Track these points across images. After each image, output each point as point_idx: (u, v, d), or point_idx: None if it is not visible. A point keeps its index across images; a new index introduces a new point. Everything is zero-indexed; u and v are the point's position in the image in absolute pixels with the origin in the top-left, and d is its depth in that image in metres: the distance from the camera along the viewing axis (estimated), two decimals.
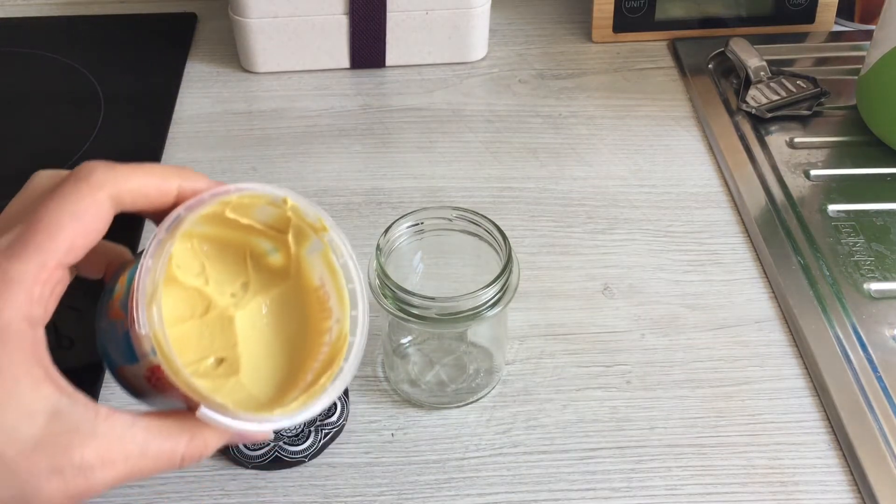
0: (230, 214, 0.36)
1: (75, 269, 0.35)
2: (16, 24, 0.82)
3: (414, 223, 0.50)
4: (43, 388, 0.31)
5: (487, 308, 0.46)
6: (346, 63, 0.76)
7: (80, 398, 0.32)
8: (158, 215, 0.34)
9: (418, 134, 0.70)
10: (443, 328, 0.48)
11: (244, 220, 0.37)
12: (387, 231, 0.48)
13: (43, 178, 0.35)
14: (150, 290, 0.32)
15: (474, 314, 0.46)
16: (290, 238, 0.38)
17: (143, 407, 0.36)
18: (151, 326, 0.32)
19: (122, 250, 0.38)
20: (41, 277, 0.31)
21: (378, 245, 0.47)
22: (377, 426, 0.51)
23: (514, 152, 0.68)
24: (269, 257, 0.39)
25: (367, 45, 0.74)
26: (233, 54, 0.77)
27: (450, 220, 0.50)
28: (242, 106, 0.73)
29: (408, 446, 0.50)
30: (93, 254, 0.34)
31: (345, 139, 0.70)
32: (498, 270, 0.46)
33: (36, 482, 0.31)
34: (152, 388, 0.34)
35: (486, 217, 0.49)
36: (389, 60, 0.76)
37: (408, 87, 0.75)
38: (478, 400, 0.52)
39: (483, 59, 0.78)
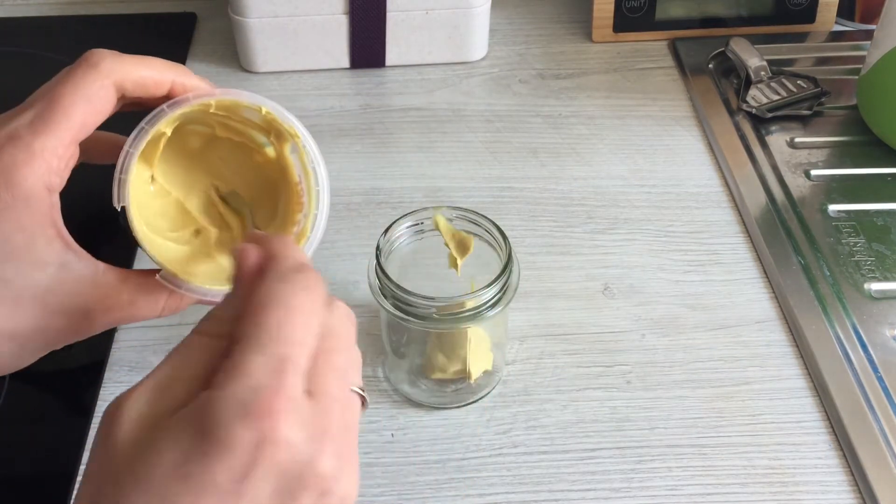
0: (216, 111, 0.42)
1: (83, 154, 0.40)
2: (16, 24, 0.82)
3: (414, 223, 0.50)
4: (55, 244, 0.38)
5: (487, 308, 0.46)
6: (345, 63, 0.76)
7: (84, 255, 0.39)
8: (152, 104, 0.40)
9: (418, 134, 0.70)
10: (443, 328, 0.48)
11: (235, 120, 0.44)
12: (387, 231, 0.48)
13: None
14: (126, 169, 0.39)
15: (474, 314, 0.46)
16: (273, 137, 0.44)
17: None
18: (123, 201, 0.39)
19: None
20: (59, 151, 0.37)
21: (378, 245, 0.47)
22: (377, 426, 0.51)
23: (514, 152, 0.68)
24: (265, 148, 0.45)
25: (367, 45, 0.74)
26: (233, 54, 0.77)
27: (450, 220, 0.50)
28: None
29: (408, 447, 0.50)
30: (102, 143, 0.42)
31: (345, 139, 0.70)
32: (498, 270, 0.46)
33: (47, 320, 0.38)
34: None
35: (486, 217, 0.49)
36: (389, 60, 0.76)
37: (408, 87, 0.75)
38: (478, 400, 0.52)
39: (483, 58, 0.77)
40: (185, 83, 0.41)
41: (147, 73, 0.39)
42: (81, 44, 0.79)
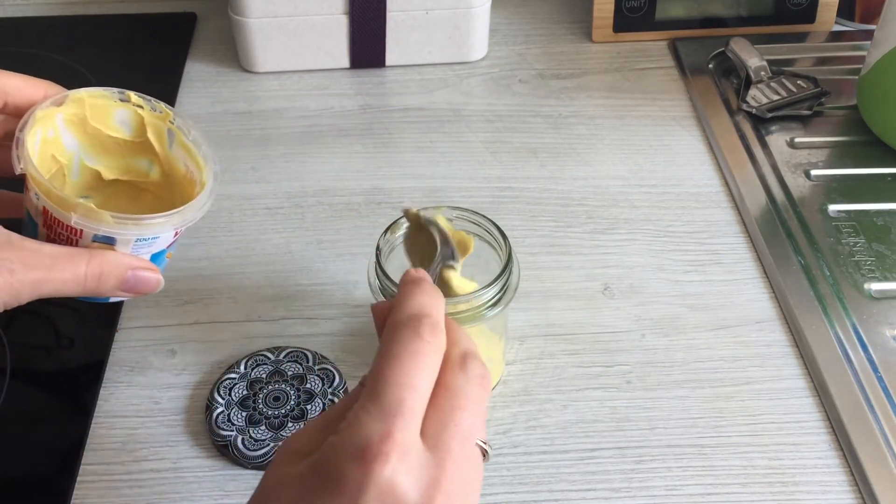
0: (93, 123, 0.45)
1: None
2: (16, 24, 0.82)
3: None
4: None
5: (487, 308, 0.46)
6: (346, 63, 0.76)
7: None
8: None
9: (418, 134, 0.70)
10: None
11: (110, 132, 0.46)
12: (387, 231, 0.48)
13: None
14: (24, 146, 0.41)
15: (474, 314, 0.46)
16: (151, 136, 0.46)
17: None
18: (26, 164, 0.40)
19: None
20: None
21: (378, 245, 0.47)
22: None
23: (514, 152, 0.68)
24: (150, 175, 0.48)
25: (367, 45, 0.74)
26: (233, 54, 0.77)
27: (450, 220, 0.50)
28: (242, 106, 0.73)
29: None
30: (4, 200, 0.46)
31: (345, 139, 0.70)
32: (498, 270, 0.46)
33: None
34: (51, 241, 0.42)
35: (486, 217, 0.49)
36: (389, 60, 0.76)
37: (408, 87, 0.75)
38: None
39: (483, 58, 0.77)
40: (56, 92, 0.45)
41: (21, 80, 0.44)
42: (81, 44, 0.80)
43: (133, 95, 0.45)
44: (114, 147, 0.47)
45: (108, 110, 0.46)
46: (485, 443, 0.35)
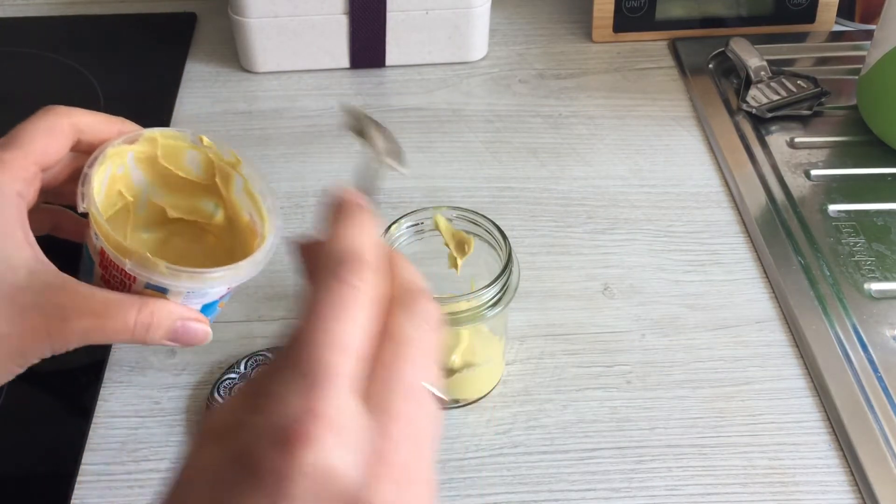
0: (163, 162, 0.45)
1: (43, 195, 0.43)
2: (16, 24, 0.82)
3: (414, 223, 0.50)
4: (24, 250, 0.40)
5: (487, 308, 0.46)
6: (346, 63, 0.76)
7: (52, 266, 0.40)
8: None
9: (418, 134, 0.70)
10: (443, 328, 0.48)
11: (180, 173, 0.46)
12: (387, 231, 0.48)
13: None
14: (90, 183, 0.41)
15: (474, 314, 0.46)
16: (219, 180, 0.46)
17: None
18: (89, 203, 0.40)
19: None
20: (25, 164, 0.41)
21: None
22: None
23: (514, 152, 0.68)
24: (214, 218, 0.48)
25: (367, 45, 0.74)
26: (233, 54, 0.77)
27: (450, 220, 0.50)
28: (242, 106, 0.73)
29: None
30: (71, 221, 0.47)
31: (345, 139, 0.70)
32: (498, 270, 0.46)
33: (20, 318, 0.39)
34: (105, 283, 0.42)
35: (486, 217, 0.49)
36: (389, 60, 0.76)
37: (408, 87, 0.75)
38: (478, 400, 0.52)
39: (483, 58, 0.77)
40: (131, 129, 0.45)
41: (97, 118, 0.44)
42: (81, 44, 0.80)
43: (205, 139, 0.46)
44: (181, 187, 0.47)
45: (180, 151, 0.46)
46: (439, 389, 0.30)
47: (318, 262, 0.30)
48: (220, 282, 0.42)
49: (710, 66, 0.76)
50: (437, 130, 0.70)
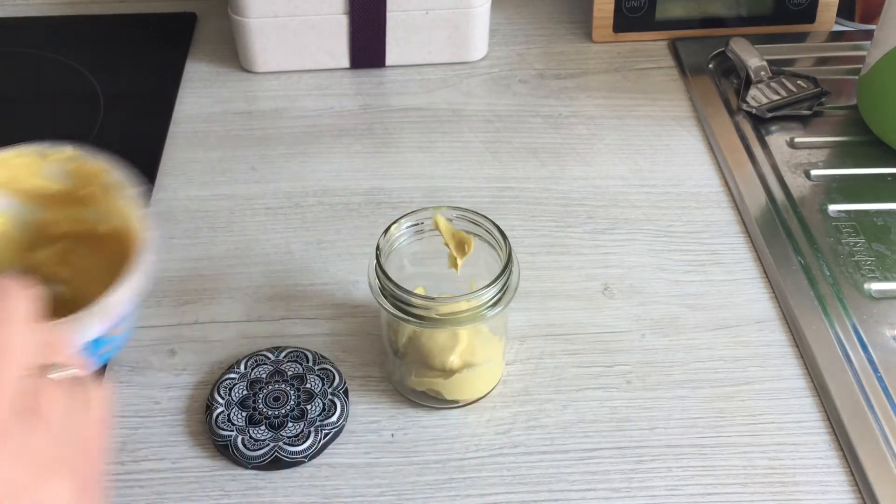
0: (23, 181, 0.46)
1: None
2: (16, 24, 0.82)
3: (414, 223, 0.50)
4: None
5: (487, 308, 0.46)
6: (346, 63, 0.76)
7: None
8: None
9: (418, 134, 0.70)
10: (443, 329, 0.48)
11: (45, 186, 0.46)
12: (387, 231, 0.48)
13: None
14: None
15: (474, 314, 0.46)
16: (95, 189, 0.47)
17: None
18: None
19: None
20: None
21: (378, 245, 0.47)
22: (377, 426, 0.51)
23: (514, 152, 0.68)
24: (101, 225, 0.48)
25: (367, 45, 0.74)
26: (233, 54, 0.77)
27: (450, 220, 0.50)
28: (242, 106, 0.73)
29: (408, 447, 0.50)
30: None
31: (345, 139, 0.70)
32: (498, 270, 0.46)
33: None
34: None
35: (486, 217, 0.49)
36: (389, 60, 0.76)
37: (408, 87, 0.75)
38: (478, 400, 0.52)
39: (483, 58, 0.77)
40: None
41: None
42: (81, 44, 0.80)
43: (66, 149, 0.46)
44: (54, 200, 0.47)
45: (36, 166, 0.46)
46: (66, 369, 0.28)
47: None
48: (79, 335, 0.41)
49: (710, 66, 0.76)
50: (437, 130, 0.70)
